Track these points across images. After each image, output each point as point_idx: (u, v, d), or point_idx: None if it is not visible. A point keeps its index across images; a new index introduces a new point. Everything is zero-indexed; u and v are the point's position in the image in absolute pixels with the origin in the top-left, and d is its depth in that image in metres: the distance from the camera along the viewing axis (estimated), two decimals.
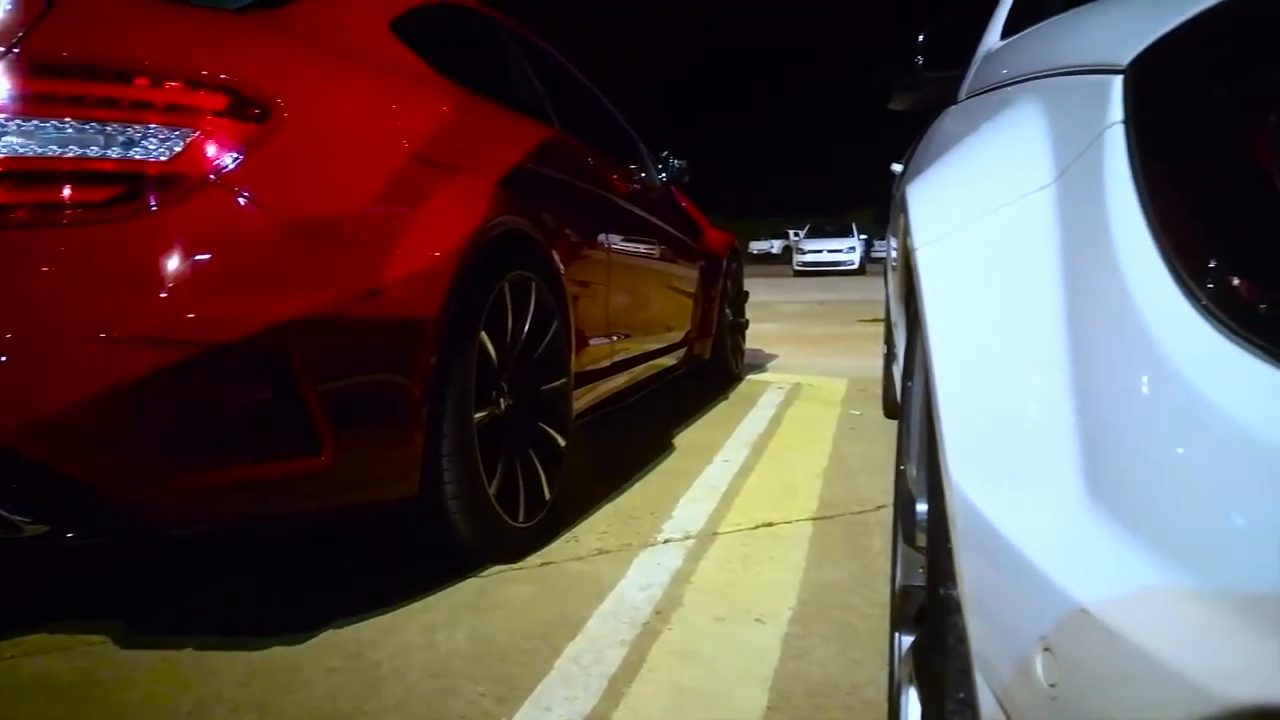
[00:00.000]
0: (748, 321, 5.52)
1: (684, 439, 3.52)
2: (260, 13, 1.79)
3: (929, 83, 1.89)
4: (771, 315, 10.15)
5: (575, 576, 2.06)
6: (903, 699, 0.98)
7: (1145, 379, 0.52)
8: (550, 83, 3.07)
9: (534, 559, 2.16)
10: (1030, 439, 0.60)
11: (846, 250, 24.13)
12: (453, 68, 2.21)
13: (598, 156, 3.15)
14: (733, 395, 4.58)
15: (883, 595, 1.88)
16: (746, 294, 5.50)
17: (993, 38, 1.70)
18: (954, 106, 1.63)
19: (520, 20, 3.10)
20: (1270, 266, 0.50)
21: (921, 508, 0.96)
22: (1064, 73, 0.79)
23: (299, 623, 1.77)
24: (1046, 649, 0.52)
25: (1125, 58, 0.63)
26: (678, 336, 4.03)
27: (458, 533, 1.99)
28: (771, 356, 6.34)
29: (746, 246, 40.70)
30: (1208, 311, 0.50)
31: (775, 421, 3.88)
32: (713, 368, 4.74)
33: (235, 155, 1.46)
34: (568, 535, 2.33)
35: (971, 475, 0.63)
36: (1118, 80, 0.62)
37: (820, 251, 24.45)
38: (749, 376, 5.23)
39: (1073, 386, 0.58)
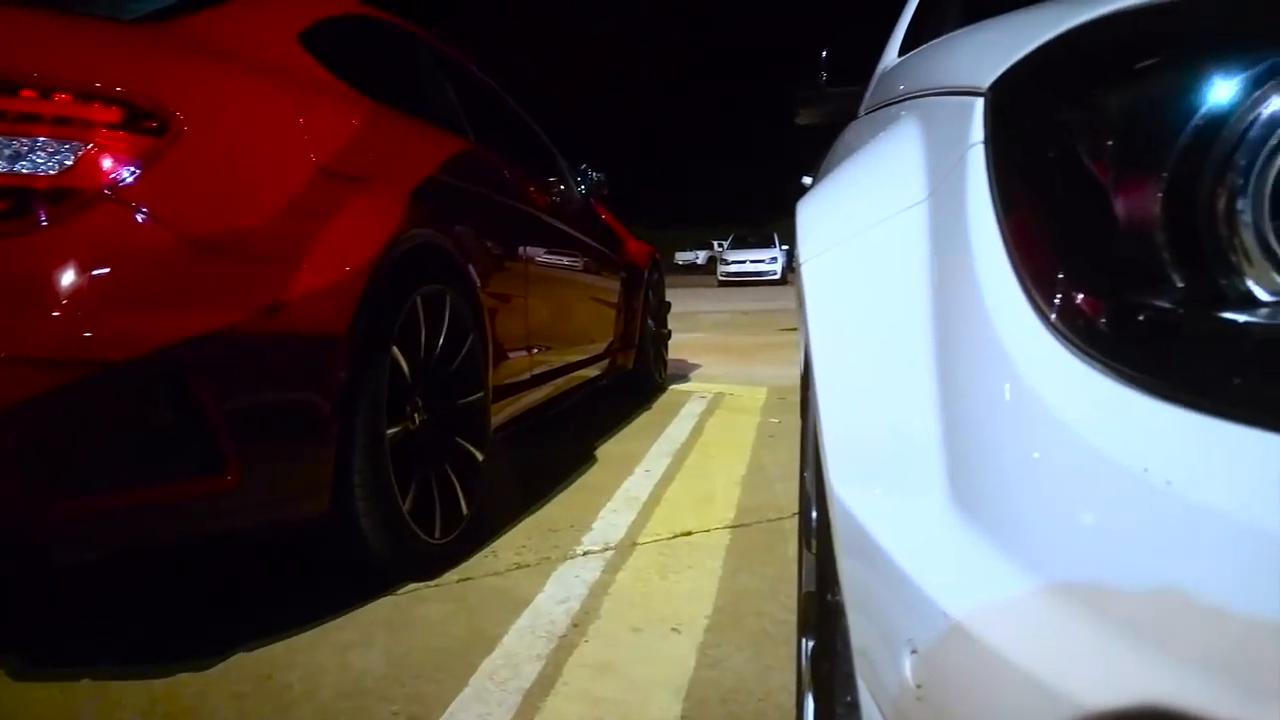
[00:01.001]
0: (670, 332, 5.57)
1: (606, 450, 3.53)
2: (160, 23, 1.75)
3: (833, 98, 1.94)
4: (695, 325, 10.24)
5: (492, 592, 2.04)
6: (805, 703, 1.00)
7: (999, 391, 0.55)
8: (466, 96, 3.05)
9: (451, 575, 2.14)
10: (900, 448, 0.63)
11: (769, 261, 24.52)
12: (364, 80, 2.19)
13: (514, 169, 3.15)
14: (656, 405, 4.61)
15: (796, 601, 1.92)
16: (669, 304, 5.55)
17: (891, 55, 1.75)
18: (854, 122, 1.68)
19: (444, 32, 3.08)
20: (1109, 283, 0.53)
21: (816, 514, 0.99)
22: (940, 93, 0.82)
23: (207, 647, 1.72)
24: (914, 651, 0.54)
25: (987, 80, 0.66)
26: (600, 348, 4.04)
27: (371, 550, 1.96)
28: (695, 366, 6.40)
29: (671, 257, 40.97)
30: (1054, 327, 0.53)
31: (697, 431, 3.92)
32: (636, 378, 4.77)
33: (131, 169, 1.42)
34: (486, 550, 2.32)
35: (849, 482, 0.65)
36: (980, 102, 0.65)
37: (743, 262, 24.79)
38: (672, 386, 5.27)
39: (938, 397, 0.61)
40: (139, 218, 1.41)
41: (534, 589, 2.05)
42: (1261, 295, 0.49)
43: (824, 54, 1.95)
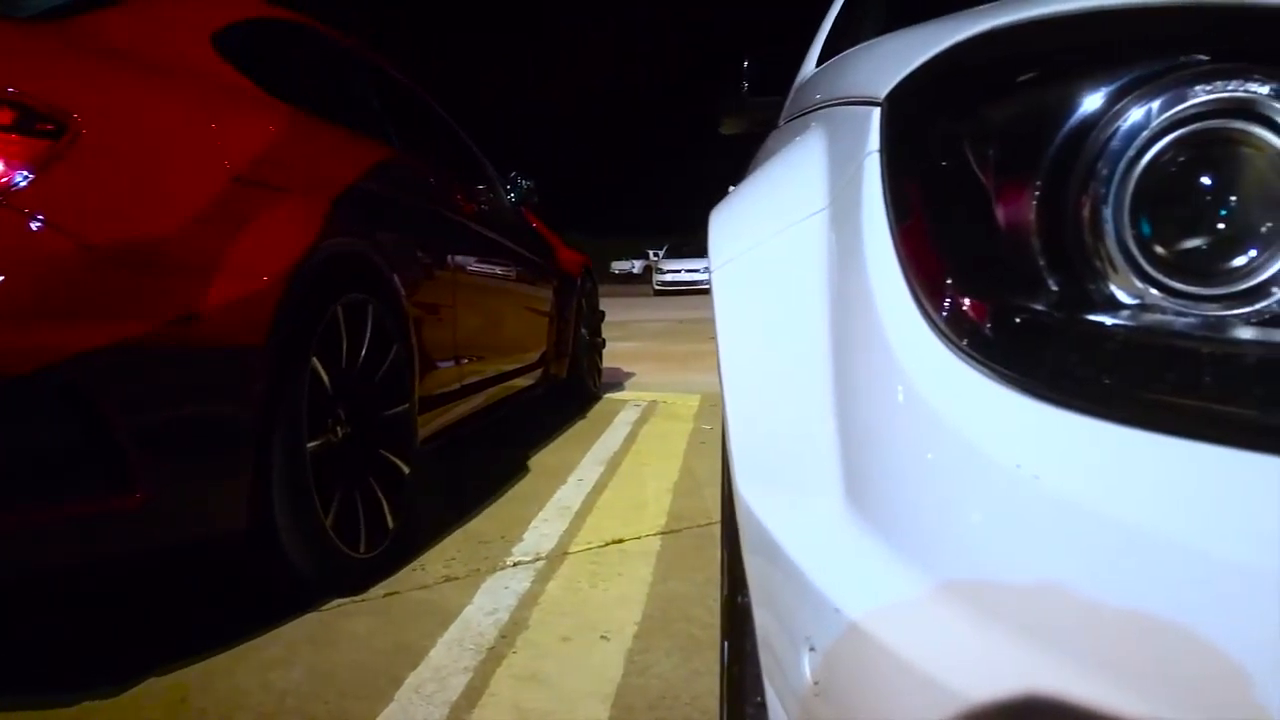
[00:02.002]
0: (604, 341, 5.57)
1: (539, 460, 3.51)
2: (56, 21, 1.69)
3: (755, 107, 1.97)
4: (631, 334, 10.26)
5: (420, 605, 2.02)
6: (725, 706, 1.01)
7: (889, 394, 0.56)
8: (391, 103, 3.02)
9: (378, 589, 2.11)
10: (800, 450, 0.64)
11: (704, 270, 24.64)
12: (281, 85, 2.15)
13: (441, 177, 3.12)
14: (590, 414, 4.60)
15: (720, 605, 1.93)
16: (603, 313, 5.55)
17: (809, 65, 1.78)
18: (774, 131, 1.70)
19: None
20: (989, 288, 0.55)
21: None
22: (845, 102, 0.84)
23: (117, 671, 1.66)
24: (812, 649, 0.55)
25: (884, 91, 0.68)
26: (532, 357, 4.02)
27: (294, 566, 1.92)
28: (630, 375, 6.41)
29: (608, 266, 40.99)
30: (938, 329, 0.54)
31: (630, 439, 3.92)
32: (570, 387, 4.76)
33: (24, 173, 1.36)
34: (414, 564, 2.29)
35: (752, 483, 0.66)
36: (876, 112, 0.67)
37: (679, 271, 24.92)
38: (607, 395, 5.27)
39: (835, 401, 0.62)
40: (33, 225, 1.36)
41: (462, 601, 2.03)
42: (1124, 299, 0.51)
43: (745, 64, 1.98)
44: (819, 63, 1.74)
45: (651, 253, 34.44)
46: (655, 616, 1.91)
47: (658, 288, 25.17)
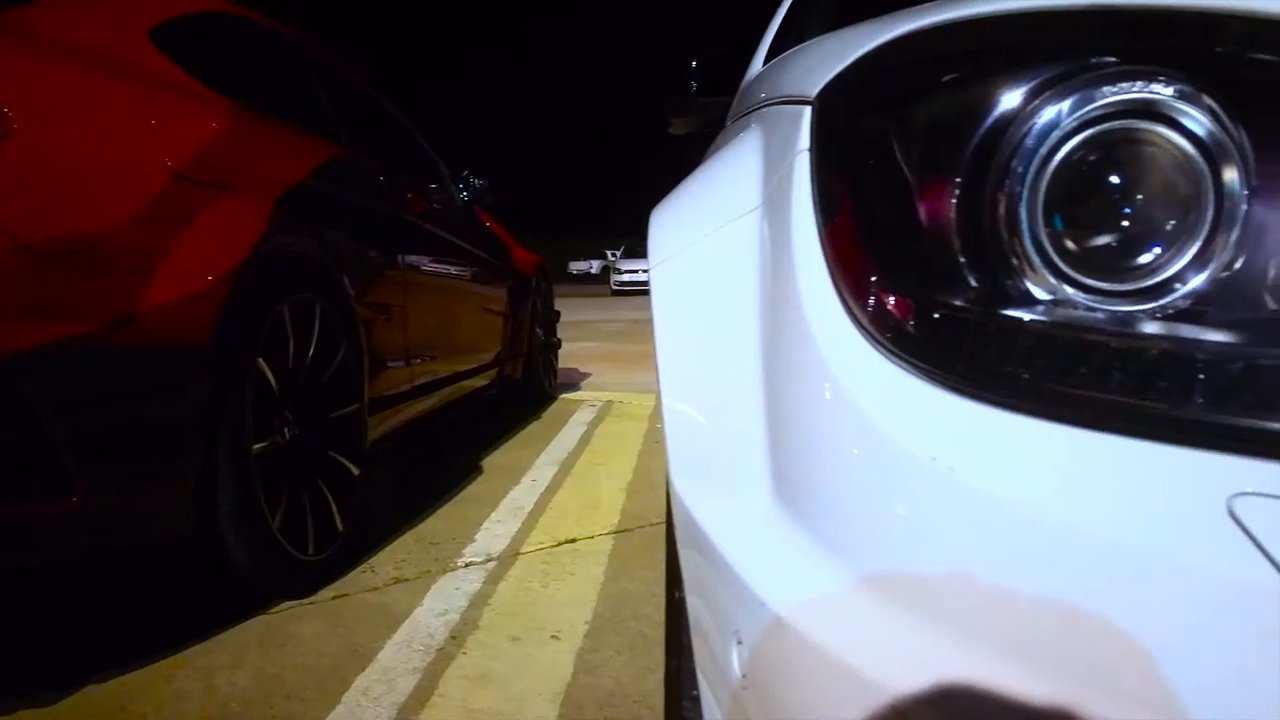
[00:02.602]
0: (560, 341, 5.56)
1: (492, 461, 3.49)
2: None
3: (704, 107, 1.97)
4: (588, 334, 10.24)
5: (369, 607, 2.00)
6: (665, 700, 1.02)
7: (813, 389, 0.57)
8: (340, 100, 2.98)
9: (326, 592, 2.08)
10: (731, 446, 0.64)
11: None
12: (225, 82, 2.11)
13: (391, 175, 3.09)
14: (545, 415, 4.59)
15: None
16: (558, 313, 5.54)
17: (757, 64, 1.79)
18: (722, 130, 1.71)
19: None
20: (910, 284, 0.56)
21: None
22: (781, 101, 0.85)
23: (54, 679, 1.62)
24: (740, 642, 0.56)
25: (815, 90, 0.69)
26: (487, 357, 4.00)
27: (240, 569, 1.89)
28: (586, 375, 6.40)
29: (566, 266, 40.87)
30: (859, 324, 0.55)
31: (585, 439, 3.92)
32: (525, 388, 4.74)
33: None
34: (364, 566, 2.26)
35: (686, 478, 0.66)
36: (808, 110, 0.68)
37: (636, 271, 24.89)
38: (562, 395, 5.26)
39: (765, 397, 0.63)
40: None
41: (413, 603, 2.01)
42: (1040, 295, 0.52)
43: (694, 64, 1.99)
44: (766, 61, 1.75)
45: (610, 253, 34.41)
46: (606, 615, 1.92)
47: (615, 288, 25.15)
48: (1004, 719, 0.44)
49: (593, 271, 39.93)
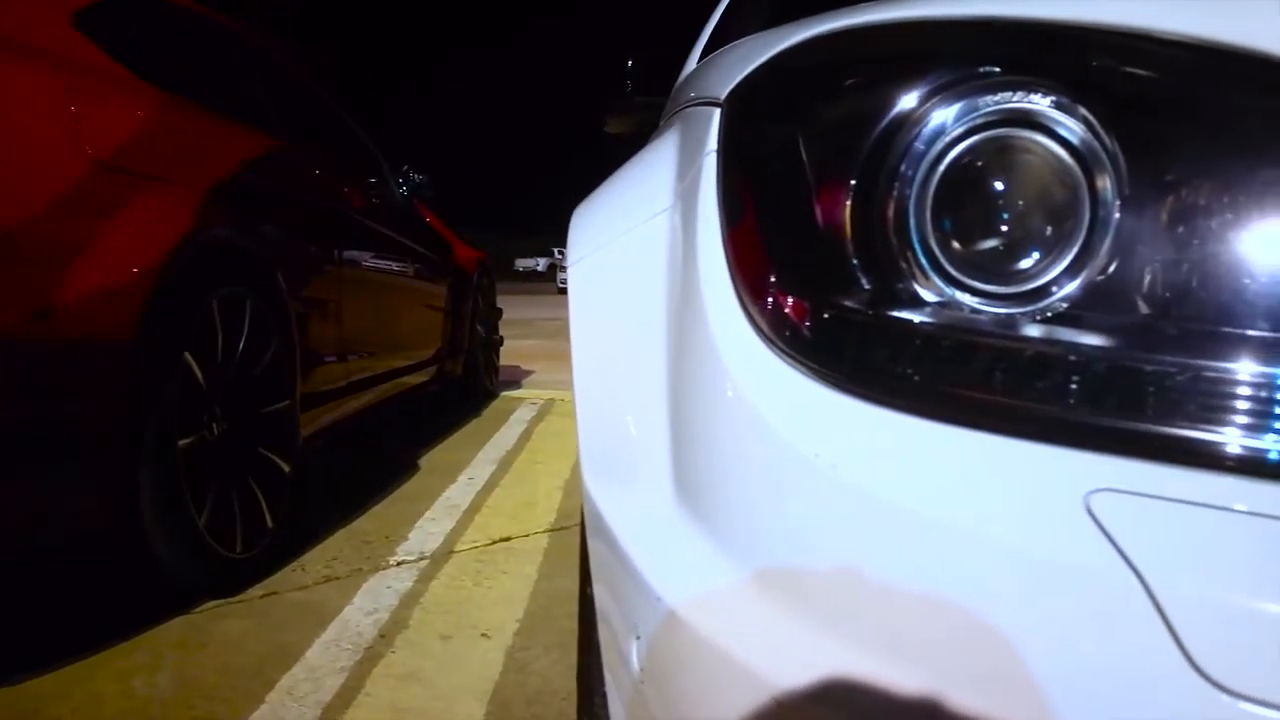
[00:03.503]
0: (502, 338, 5.52)
1: (430, 459, 3.46)
2: None
3: (640, 107, 1.98)
4: (532, 332, 10.20)
5: (298, 606, 1.97)
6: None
7: (710, 386, 0.58)
8: (278, 91, 2.93)
9: (255, 590, 2.05)
10: (636, 443, 0.65)
11: None
12: (154, 69, 2.06)
13: (329, 169, 3.04)
14: (485, 413, 4.56)
15: None
16: (500, 310, 5.50)
17: (690, 65, 1.81)
18: (655, 130, 1.72)
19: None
20: (805, 287, 0.57)
21: None
22: (699, 103, 0.86)
23: None
24: (638, 637, 0.57)
25: (725, 92, 0.70)
26: (425, 354, 3.96)
27: (165, 568, 1.85)
28: (528, 372, 6.38)
29: (512, 264, 40.61)
30: (757, 327, 0.57)
31: (525, 437, 3.90)
32: (465, 385, 4.70)
33: None
34: (294, 564, 2.23)
35: (595, 474, 0.67)
36: (718, 112, 0.69)
37: None
38: (504, 393, 5.23)
39: (669, 397, 0.64)
40: None
41: (342, 601, 1.99)
42: (927, 297, 0.54)
43: (629, 63, 2.00)
44: (699, 61, 1.77)
45: (556, 251, 34.30)
46: (538, 614, 1.92)
47: (561, 286, 25.10)
48: (879, 711, 0.46)
49: (539, 269, 39.79)
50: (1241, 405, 0.45)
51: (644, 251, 0.73)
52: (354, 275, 3.01)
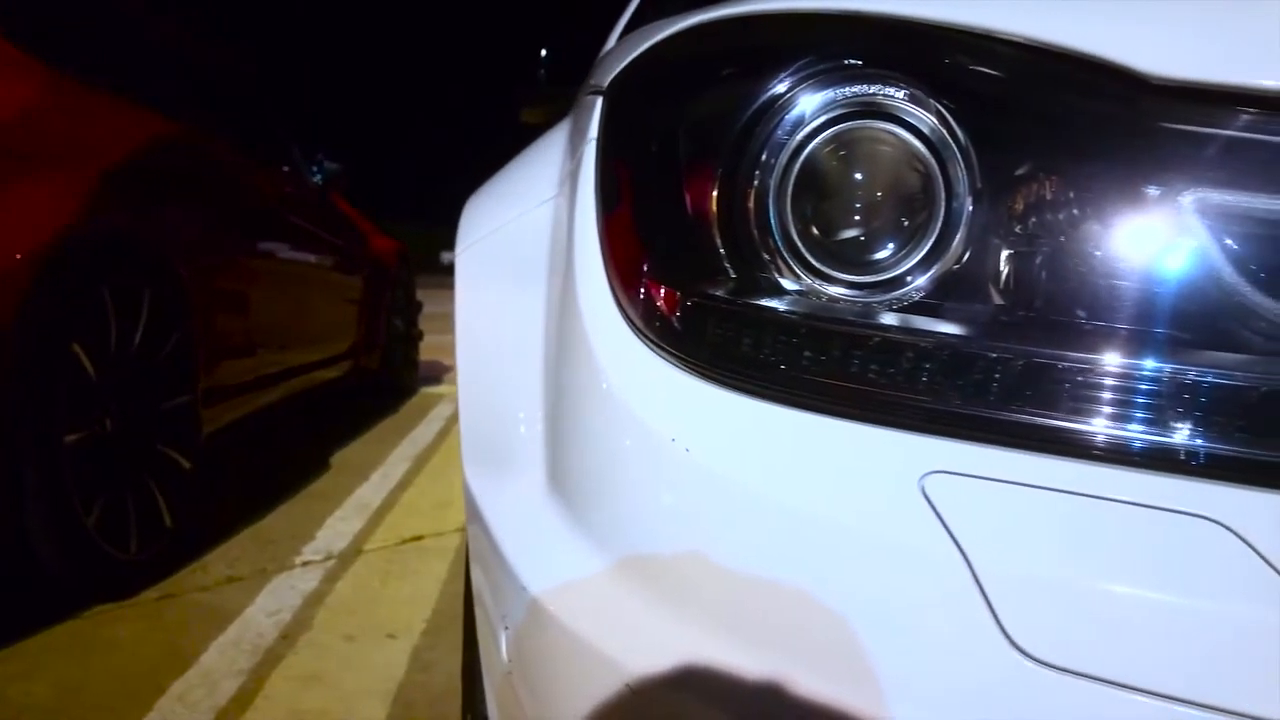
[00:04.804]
0: (421, 333, 5.43)
1: (343, 456, 3.39)
2: None
3: (554, 97, 1.96)
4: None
5: (196, 608, 1.91)
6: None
7: (581, 377, 0.57)
8: (181, 74, 2.83)
9: (151, 593, 1.98)
10: (513, 431, 0.64)
11: None
12: (43, 45, 1.97)
13: (236, 155, 2.95)
14: (403, 409, 4.49)
15: None
16: (420, 304, 5.41)
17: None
18: None
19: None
20: (669, 275, 0.57)
21: None
22: (589, 91, 0.85)
23: None
24: (506, 627, 0.56)
25: (607, 81, 0.69)
26: (340, 348, 3.87)
27: (49, 570, 1.77)
28: (449, 368, 6.29)
29: (437, 256, 40.00)
30: (625, 315, 0.56)
31: (443, 435, 3.85)
32: (382, 381, 4.61)
33: None
34: (195, 564, 2.16)
35: (474, 463, 0.66)
36: (600, 100, 0.68)
37: None
38: (423, 389, 5.15)
39: (546, 386, 0.63)
40: None
41: (244, 602, 1.93)
42: (788, 285, 0.54)
43: (543, 52, 1.98)
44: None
45: None
46: (446, 613, 1.89)
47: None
48: (731, 695, 0.46)
49: None
50: (1070, 391, 0.46)
51: (528, 240, 0.72)
52: (262, 266, 2.92)
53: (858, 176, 0.53)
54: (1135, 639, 0.42)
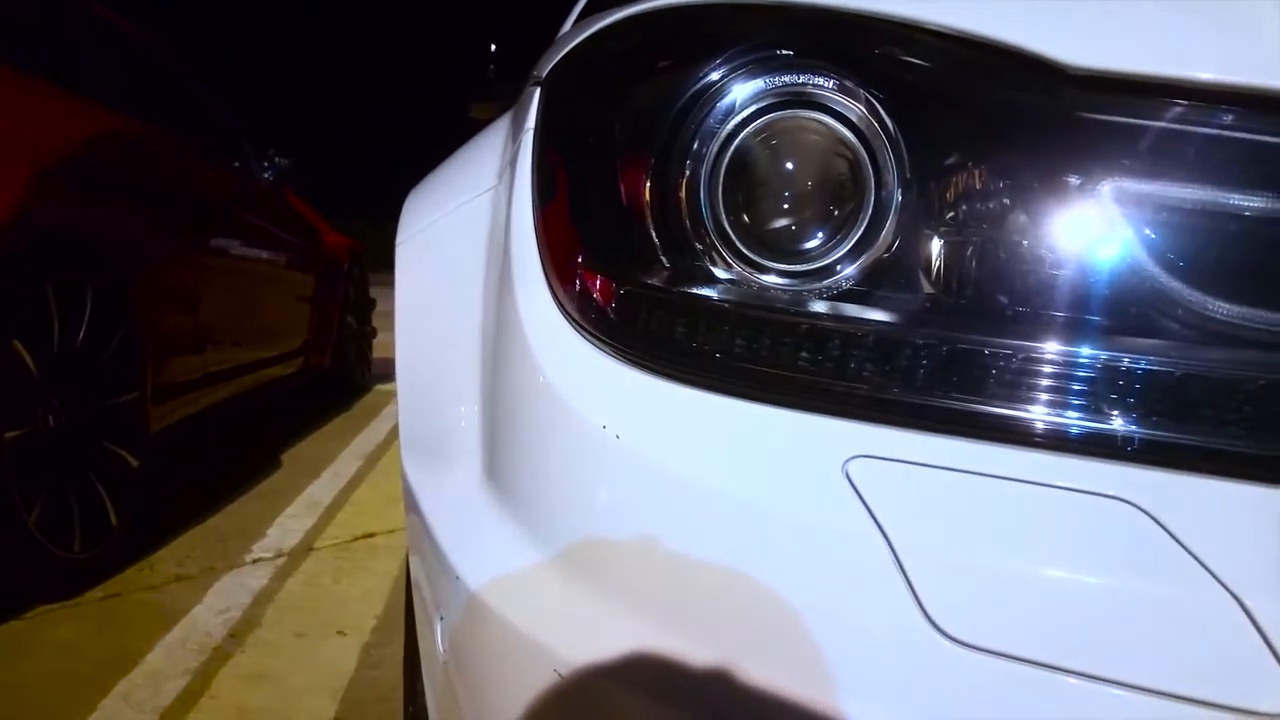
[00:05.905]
0: (375, 330, 5.37)
1: (294, 454, 3.34)
2: None
3: (505, 92, 1.95)
4: None
5: (143, 607, 1.88)
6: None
7: (516, 367, 0.58)
8: (127, 65, 2.77)
9: (95, 592, 1.94)
10: (450, 423, 0.64)
11: None
12: None
13: (184, 150, 2.90)
14: (356, 406, 4.44)
15: None
16: (374, 301, 5.35)
17: None
18: None
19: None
20: (604, 265, 0.57)
21: None
22: (531, 82, 0.85)
23: None
24: (442, 618, 0.56)
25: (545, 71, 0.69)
26: (291, 345, 3.82)
27: None
28: None
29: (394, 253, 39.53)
30: (559, 304, 0.56)
31: (395, 432, 3.78)
32: (335, 378, 4.56)
33: None
34: (142, 563, 2.12)
35: (411, 454, 0.66)
36: (538, 91, 0.69)
37: None
38: (376, 387, 5.09)
39: (482, 378, 0.63)
40: None
41: (192, 601, 1.90)
42: (720, 274, 0.54)
43: (493, 47, 1.97)
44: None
45: None
46: (397, 610, 1.87)
47: None
48: (671, 684, 0.46)
49: None
50: (991, 376, 0.48)
51: (466, 231, 0.72)
52: (212, 262, 2.87)
53: (788, 166, 0.54)
54: (1050, 618, 0.43)
